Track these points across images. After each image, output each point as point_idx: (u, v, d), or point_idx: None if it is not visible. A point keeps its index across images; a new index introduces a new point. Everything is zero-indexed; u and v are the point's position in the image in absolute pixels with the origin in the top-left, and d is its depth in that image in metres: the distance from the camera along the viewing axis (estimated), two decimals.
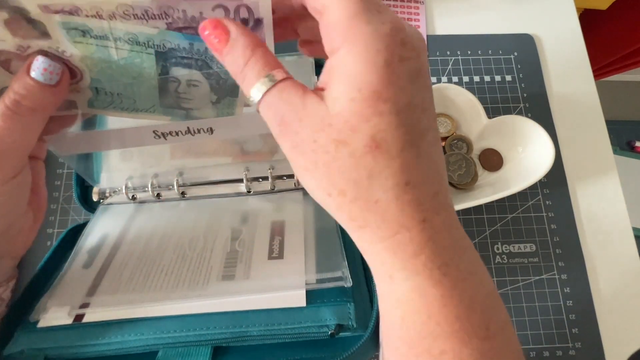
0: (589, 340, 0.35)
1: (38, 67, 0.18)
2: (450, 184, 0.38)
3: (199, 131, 0.26)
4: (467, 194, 0.38)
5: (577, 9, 0.51)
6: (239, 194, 0.33)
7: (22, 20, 0.18)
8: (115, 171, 0.32)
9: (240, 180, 0.33)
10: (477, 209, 0.39)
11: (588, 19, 0.91)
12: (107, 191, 0.33)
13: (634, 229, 0.39)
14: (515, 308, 0.36)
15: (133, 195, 0.33)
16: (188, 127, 0.26)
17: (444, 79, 0.44)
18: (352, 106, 0.15)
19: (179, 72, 0.21)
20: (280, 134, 0.16)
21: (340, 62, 0.15)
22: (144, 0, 0.17)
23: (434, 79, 0.44)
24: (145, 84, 0.21)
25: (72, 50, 0.19)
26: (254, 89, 0.16)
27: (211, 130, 0.26)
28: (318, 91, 0.16)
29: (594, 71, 0.66)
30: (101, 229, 0.30)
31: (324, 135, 0.15)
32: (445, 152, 0.39)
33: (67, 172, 0.39)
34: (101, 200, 0.33)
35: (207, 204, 0.33)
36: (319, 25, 0.16)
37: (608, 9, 0.78)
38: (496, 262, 0.37)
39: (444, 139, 0.40)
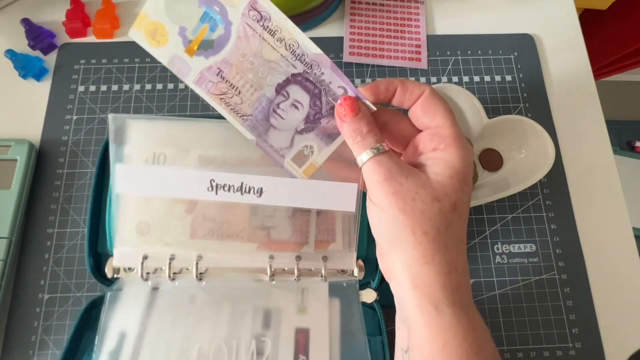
0: (589, 340, 0.35)
1: None
2: None
3: (249, 191, 0.28)
4: None
5: (577, 9, 0.51)
6: (260, 281, 0.32)
7: None
8: (130, 246, 0.31)
9: (263, 270, 0.32)
10: (477, 209, 0.39)
11: (588, 19, 0.91)
12: (122, 269, 0.32)
13: (634, 229, 0.39)
14: (515, 308, 0.36)
15: (148, 274, 0.32)
16: (242, 183, 0.28)
17: (444, 79, 0.44)
18: (449, 181, 0.22)
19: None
20: (384, 182, 0.23)
21: (446, 156, 0.23)
22: (310, 47, 0.26)
23: (434, 79, 0.44)
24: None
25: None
26: (372, 149, 0.24)
27: (260, 192, 0.28)
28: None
29: (594, 71, 0.66)
30: (118, 325, 0.29)
31: (424, 191, 0.22)
32: None
33: (67, 172, 0.39)
34: (114, 276, 0.32)
35: (227, 295, 0.31)
36: (425, 132, 0.25)
37: (608, 9, 0.78)
38: (496, 262, 0.37)
39: None
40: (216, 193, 0.28)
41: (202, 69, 0.26)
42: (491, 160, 0.39)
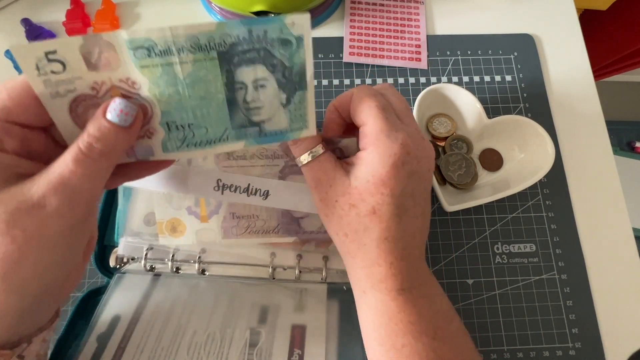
0: (589, 340, 0.35)
1: (115, 109, 0.19)
2: (450, 184, 0.38)
3: (255, 193, 0.29)
4: (467, 194, 0.38)
5: (577, 9, 0.51)
6: (261, 279, 0.32)
7: (95, 46, 0.18)
8: (136, 236, 0.31)
9: (265, 266, 0.32)
10: (477, 209, 0.39)
11: (588, 19, 0.91)
12: (125, 258, 0.32)
13: (634, 229, 0.39)
14: (515, 308, 0.36)
15: (151, 266, 0.32)
16: (249, 185, 0.29)
17: (444, 79, 0.44)
18: (366, 185, 0.23)
19: (244, 74, 0.21)
20: (315, 189, 0.25)
21: (366, 157, 0.23)
22: (274, 144, 0.25)
23: (434, 79, 0.44)
24: (214, 102, 0.21)
25: (140, 78, 0.19)
26: (308, 153, 0.25)
27: (267, 195, 0.29)
28: (345, 165, 0.25)
29: (594, 71, 0.66)
30: (113, 309, 0.30)
31: (343, 199, 0.24)
32: (445, 152, 0.39)
33: None
34: (118, 267, 0.32)
35: (226, 288, 0.32)
36: (359, 130, 0.25)
37: (608, 9, 0.78)
38: (496, 262, 0.37)
39: (444, 139, 0.40)
40: (222, 193, 0.28)
41: (220, 223, 0.29)
42: (491, 160, 0.39)
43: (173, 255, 0.31)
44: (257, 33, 0.20)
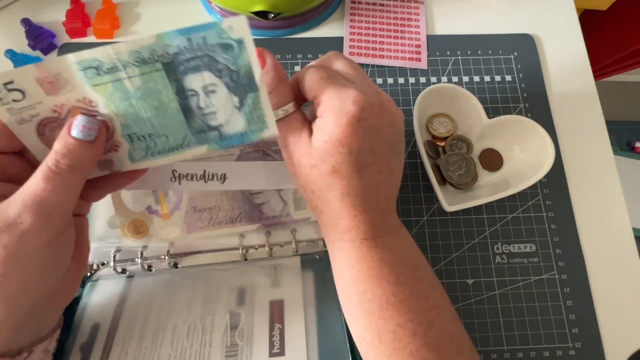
0: (589, 340, 0.35)
1: (77, 125, 0.20)
2: (450, 184, 0.38)
3: (212, 177, 0.28)
4: (467, 194, 0.38)
5: (577, 9, 0.51)
6: (234, 262, 0.32)
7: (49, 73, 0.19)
8: (102, 241, 0.31)
9: (235, 249, 0.32)
10: (477, 209, 0.39)
11: (588, 19, 0.91)
12: (95, 264, 0.32)
13: (634, 229, 0.39)
14: (515, 308, 0.36)
15: (123, 269, 0.31)
16: (204, 171, 0.28)
17: (444, 79, 0.44)
18: (324, 146, 0.23)
19: (192, 81, 0.21)
20: (283, 148, 0.26)
21: (321, 122, 0.24)
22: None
23: (434, 79, 0.44)
24: (169, 111, 0.22)
25: (95, 96, 0.20)
26: (276, 112, 0.24)
27: (224, 178, 0.28)
28: (311, 127, 0.25)
29: (594, 71, 0.66)
30: (92, 317, 0.29)
31: (304, 159, 0.24)
32: (445, 152, 0.39)
33: None
34: (89, 274, 0.32)
35: (201, 277, 0.32)
36: (314, 105, 0.25)
37: (608, 9, 0.78)
38: (496, 262, 0.37)
39: (444, 139, 0.40)
40: (179, 183, 0.28)
41: (183, 219, 0.29)
42: (491, 160, 0.39)
43: (142, 254, 0.31)
44: (196, 41, 0.20)
